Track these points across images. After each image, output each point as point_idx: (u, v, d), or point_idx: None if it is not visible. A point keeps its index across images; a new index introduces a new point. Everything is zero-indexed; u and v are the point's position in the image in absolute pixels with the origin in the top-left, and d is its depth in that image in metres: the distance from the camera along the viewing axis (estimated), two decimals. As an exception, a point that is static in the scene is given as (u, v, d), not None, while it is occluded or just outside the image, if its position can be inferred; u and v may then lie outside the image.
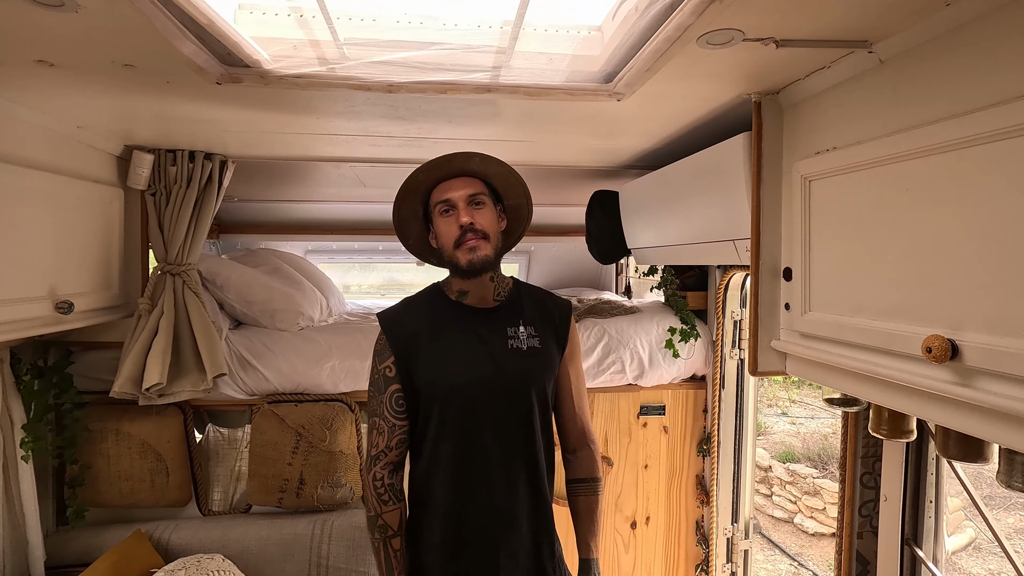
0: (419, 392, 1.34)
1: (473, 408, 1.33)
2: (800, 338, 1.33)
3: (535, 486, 1.37)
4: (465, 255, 1.32)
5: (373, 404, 1.36)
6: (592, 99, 1.26)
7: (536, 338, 1.40)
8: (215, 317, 2.05)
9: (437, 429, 1.33)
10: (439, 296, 1.44)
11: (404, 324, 1.39)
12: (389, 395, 1.34)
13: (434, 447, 1.34)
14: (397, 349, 1.34)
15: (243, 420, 2.16)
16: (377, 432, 1.34)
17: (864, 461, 1.48)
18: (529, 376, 1.37)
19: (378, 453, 1.34)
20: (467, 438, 1.33)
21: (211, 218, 2.02)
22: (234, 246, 3.35)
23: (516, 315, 1.41)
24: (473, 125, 1.68)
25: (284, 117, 1.60)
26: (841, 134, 1.18)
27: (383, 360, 1.36)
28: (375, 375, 1.36)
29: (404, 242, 1.49)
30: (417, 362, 1.34)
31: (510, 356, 1.36)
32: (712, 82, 1.31)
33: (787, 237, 1.37)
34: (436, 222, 1.38)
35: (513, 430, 1.34)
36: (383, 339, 1.37)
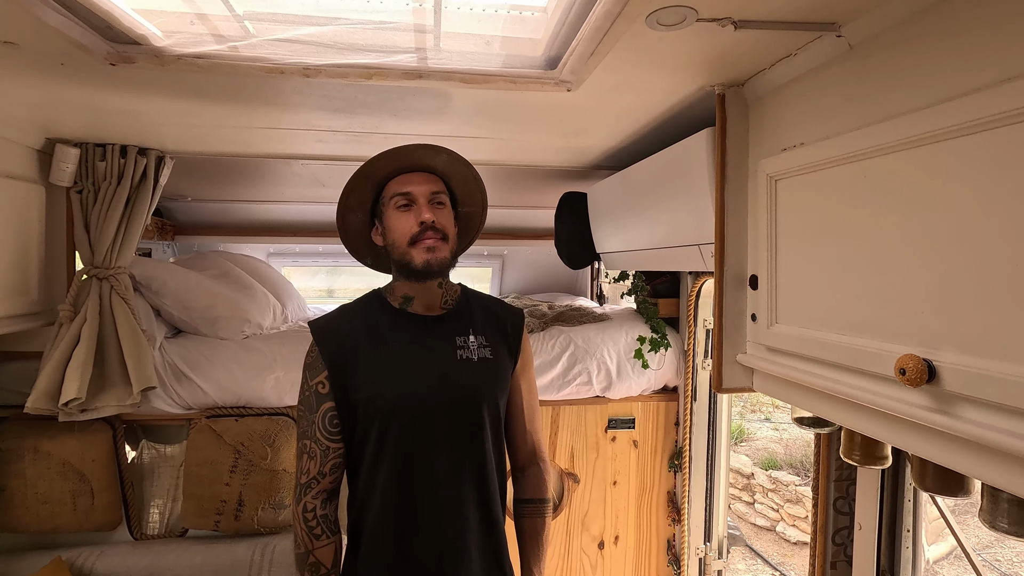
0: (356, 410, 1.20)
1: (418, 426, 1.19)
2: (767, 352, 1.22)
3: (486, 511, 1.24)
4: (422, 254, 1.19)
5: (303, 425, 1.21)
6: (538, 87, 1.14)
7: (487, 348, 1.28)
8: (148, 325, 1.90)
9: (376, 451, 1.19)
10: (380, 303, 1.29)
11: (339, 334, 1.23)
12: (322, 414, 1.19)
13: (373, 471, 1.20)
14: (331, 362, 1.20)
15: (181, 435, 2.01)
16: (308, 456, 1.20)
17: (838, 485, 1.37)
18: (480, 389, 1.24)
19: (309, 480, 1.19)
20: (411, 460, 1.19)
21: (145, 218, 1.87)
22: (191, 248, 3.19)
23: (466, 323, 1.29)
24: (421, 120, 1.56)
25: (215, 109, 1.46)
26: (809, 129, 1.07)
27: (315, 375, 1.21)
28: (305, 392, 1.22)
29: (342, 235, 1.33)
30: (354, 376, 1.19)
31: (460, 368, 1.23)
32: (671, 72, 1.20)
33: (753, 242, 1.26)
34: (389, 215, 1.23)
35: (462, 450, 1.22)
36: (315, 351, 1.22)
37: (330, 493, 1.22)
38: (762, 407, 9.78)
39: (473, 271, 3.86)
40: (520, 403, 1.37)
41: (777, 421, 9.26)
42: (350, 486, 1.25)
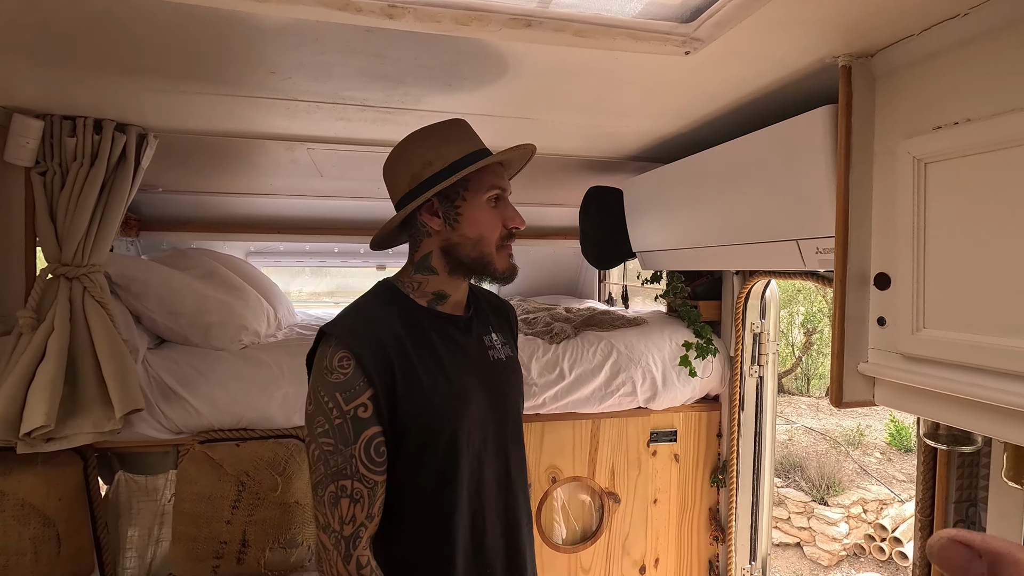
0: (402, 432, 1.00)
1: (475, 439, 1.07)
2: (902, 361, 1.06)
3: (528, 514, 1.19)
4: (505, 260, 1.10)
5: (335, 462, 0.95)
6: (659, 46, 0.95)
7: (507, 346, 1.21)
8: (128, 334, 1.59)
9: (438, 476, 1.03)
10: (402, 301, 1.10)
11: (379, 341, 1.00)
12: (365, 443, 0.96)
13: (434, 500, 1.03)
14: (379, 377, 0.97)
15: (166, 463, 1.70)
16: (351, 501, 0.95)
17: (958, 507, 1.23)
18: (516, 392, 1.19)
19: (356, 529, 0.95)
20: (472, 479, 1.06)
21: (124, 206, 1.57)
22: (158, 246, 2.83)
23: (484, 322, 1.19)
24: (466, 94, 1.33)
25: (218, 67, 1.19)
26: (976, 103, 0.92)
27: (352, 397, 0.96)
28: (334, 420, 0.96)
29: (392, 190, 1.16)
30: (406, 391, 0.99)
31: (496, 371, 1.14)
32: (799, 37, 1.03)
33: (881, 235, 1.11)
34: (477, 207, 1.07)
35: (510, 456, 1.14)
36: (348, 365, 0.97)
37: (373, 537, 1.01)
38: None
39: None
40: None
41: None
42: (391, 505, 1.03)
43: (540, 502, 1.93)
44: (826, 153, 1.16)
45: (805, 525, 6.27)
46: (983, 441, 1.13)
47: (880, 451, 7.76)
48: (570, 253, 3.55)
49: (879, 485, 6.75)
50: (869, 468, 7.23)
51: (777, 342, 2.04)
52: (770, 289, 2.00)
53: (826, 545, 6.04)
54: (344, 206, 2.79)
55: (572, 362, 1.89)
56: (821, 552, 6.05)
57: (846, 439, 7.90)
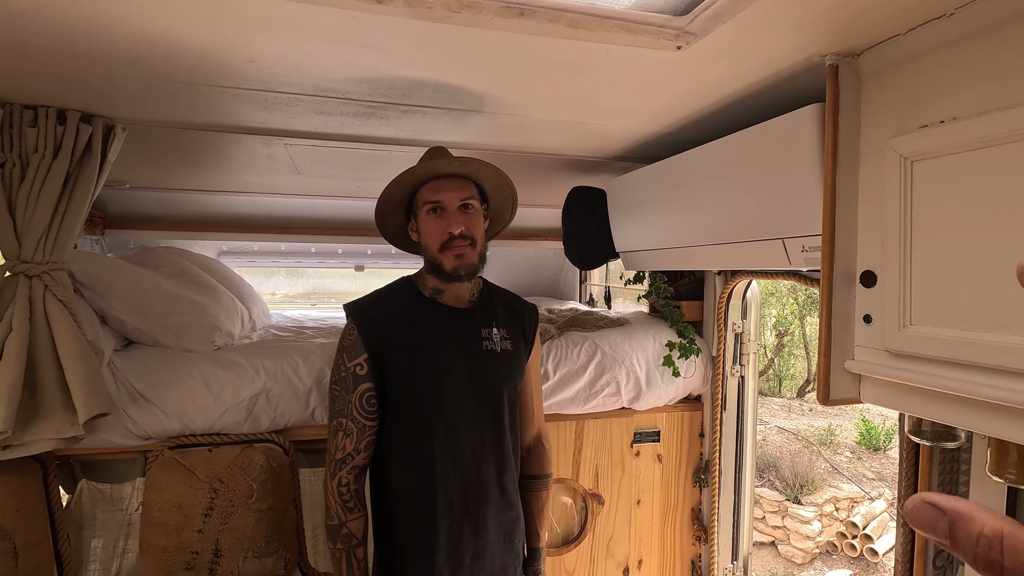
0: (389, 392, 1.30)
1: (450, 409, 1.30)
2: (889, 358, 1.07)
3: (503, 487, 1.37)
4: (451, 260, 1.30)
5: (339, 404, 1.29)
6: (652, 40, 0.94)
7: (508, 340, 1.40)
8: (93, 335, 1.51)
9: (411, 431, 1.30)
10: (412, 291, 1.39)
11: (377, 319, 1.32)
12: (359, 394, 1.28)
13: (406, 450, 1.30)
14: (371, 345, 1.28)
15: (133, 471, 1.62)
16: (344, 434, 1.28)
17: (940, 502, 1.25)
18: (502, 379, 1.37)
19: (345, 456, 1.28)
20: (442, 439, 1.29)
21: (89, 201, 1.49)
22: (125, 245, 2.72)
23: (490, 317, 1.40)
24: (465, 86, 1.30)
25: (193, 54, 1.13)
26: (963, 101, 0.93)
27: (353, 357, 1.29)
28: (342, 372, 1.29)
29: (382, 231, 1.47)
30: (392, 360, 1.29)
31: (485, 358, 1.35)
32: (789, 35, 1.03)
33: (867, 233, 1.12)
34: (422, 220, 1.34)
35: (486, 430, 1.34)
36: (353, 333, 1.30)
37: (361, 469, 1.30)
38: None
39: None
40: (530, 390, 1.51)
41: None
42: (379, 461, 1.33)
43: (524, 505, 1.90)
44: (813, 151, 1.17)
45: (779, 524, 6.37)
46: (966, 437, 1.14)
47: (850, 450, 7.95)
48: (550, 254, 3.54)
49: (850, 483, 6.91)
50: (840, 467, 7.40)
51: (758, 342, 2.06)
52: (751, 289, 2.01)
53: (800, 543, 6.15)
54: (322, 205, 2.73)
55: (556, 362, 1.87)
56: (795, 550, 6.16)
57: (818, 439, 8.08)
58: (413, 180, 1.32)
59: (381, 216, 1.41)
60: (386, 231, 1.46)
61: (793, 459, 7.13)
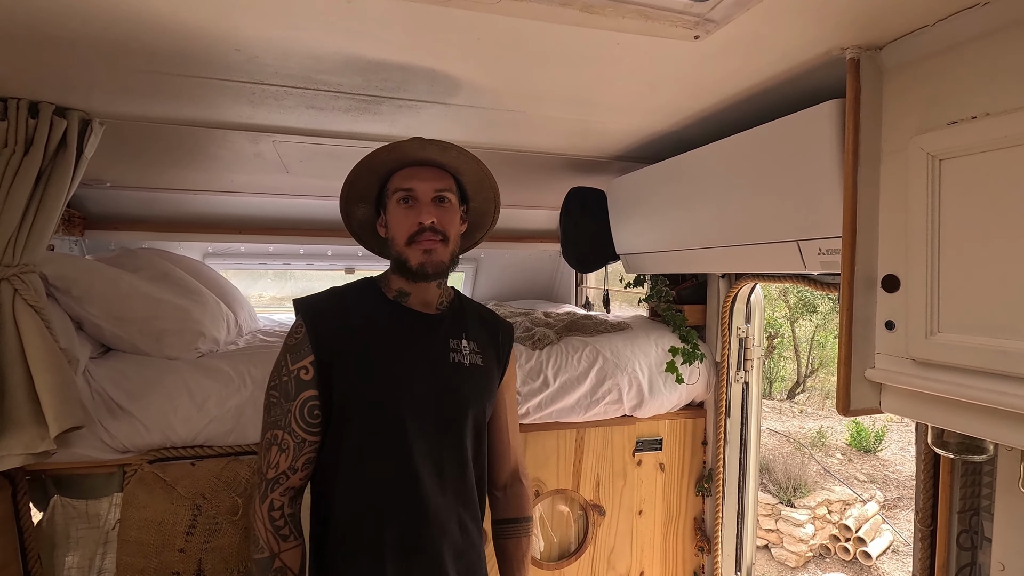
0: (340, 402, 1.11)
1: (405, 426, 1.12)
2: (913, 367, 1.02)
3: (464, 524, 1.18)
4: (418, 256, 1.15)
5: (276, 413, 1.10)
6: (670, 28, 0.88)
7: (478, 355, 1.25)
8: (68, 342, 1.42)
9: (358, 449, 1.11)
10: (374, 292, 1.23)
11: (331, 317, 1.16)
12: (301, 403, 1.10)
13: (351, 470, 1.11)
14: (320, 347, 1.11)
15: (110, 486, 1.53)
16: (279, 449, 1.09)
17: (961, 517, 1.20)
18: (469, 396, 1.20)
19: (278, 475, 1.09)
20: (395, 460, 1.12)
21: (64, 200, 1.40)
22: (106, 247, 2.61)
23: (459, 327, 1.25)
24: (464, 80, 1.24)
25: (175, 42, 1.05)
26: (997, 96, 0.88)
27: (298, 358, 1.11)
28: (283, 376, 1.11)
29: (347, 224, 1.29)
30: (343, 366, 1.11)
31: (451, 371, 1.19)
32: (810, 24, 0.97)
33: (889, 235, 1.06)
34: (391, 210, 1.19)
35: (445, 455, 1.17)
36: (300, 331, 1.13)
37: (297, 491, 1.13)
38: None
39: (443, 276, 3.51)
40: (504, 418, 1.32)
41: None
42: (321, 484, 1.15)
43: (522, 517, 1.83)
44: (832, 150, 1.11)
45: (773, 527, 6.35)
46: (993, 449, 1.09)
47: (841, 452, 7.97)
48: (545, 256, 3.48)
49: (842, 486, 6.91)
50: (832, 469, 7.41)
51: (762, 347, 2.01)
52: (755, 293, 1.96)
53: (793, 547, 6.13)
54: (312, 205, 2.64)
55: (556, 369, 1.80)
56: (788, 553, 6.14)
57: (809, 441, 8.09)
58: (384, 163, 1.18)
59: (347, 204, 1.24)
60: (352, 224, 1.28)
61: (786, 462, 7.13)
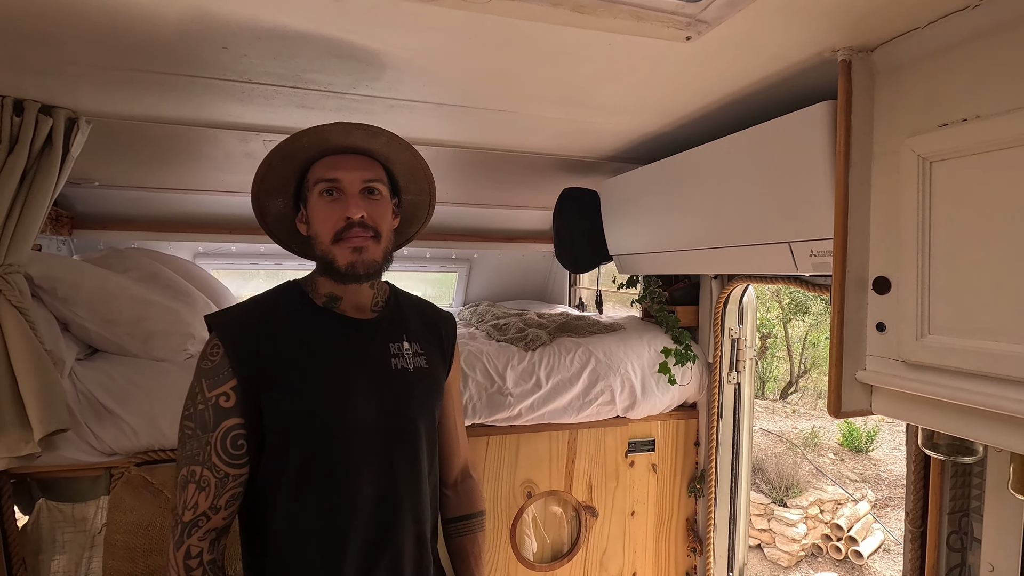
0: (269, 429, 0.99)
1: (350, 448, 1.02)
2: (904, 368, 1.02)
3: (421, 542, 1.10)
4: (346, 255, 1.02)
5: (190, 447, 0.96)
6: (662, 28, 0.87)
7: (422, 357, 1.14)
8: (53, 344, 1.40)
9: (298, 478, 0.99)
10: (300, 299, 1.09)
11: (253, 334, 1.01)
12: (222, 434, 0.96)
13: (291, 506, 0.99)
14: (243, 369, 0.97)
15: (97, 489, 1.51)
16: (197, 487, 0.95)
17: (951, 519, 1.20)
18: (418, 405, 1.11)
19: (197, 517, 0.95)
20: (339, 490, 1.01)
21: (50, 199, 1.38)
22: (94, 246, 2.59)
23: (399, 328, 1.14)
24: (456, 79, 1.23)
25: (162, 40, 1.04)
26: (988, 98, 0.88)
27: (216, 385, 0.97)
28: (198, 405, 0.97)
29: (260, 219, 1.13)
30: (272, 389, 0.98)
31: (394, 379, 1.09)
32: (802, 25, 0.97)
33: (880, 237, 1.07)
34: (313, 203, 1.05)
35: (397, 473, 1.06)
36: (217, 353, 0.99)
37: (220, 533, 0.99)
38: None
39: (437, 276, 3.50)
40: (452, 415, 1.25)
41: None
42: (255, 519, 1.02)
43: (515, 518, 1.83)
44: (824, 151, 1.11)
45: (766, 527, 6.38)
46: (983, 451, 1.09)
47: (833, 452, 8.01)
48: (539, 257, 3.48)
49: (834, 485, 6.95)
50: (824, 469, 7.45)
51: (754, 348, 2.01)
52: (748, 294, 1.96)
53: (786, 546, 6.15)
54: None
55: (549, 370, 1.80)
56: (781, 553, 6.17)
57: (802, 441, 8.13)
58: (303, 151, 1.04)
59: (260, 198, 1.09)
60: (266, 221, 1.13)
61: (778, 461, 7.16)
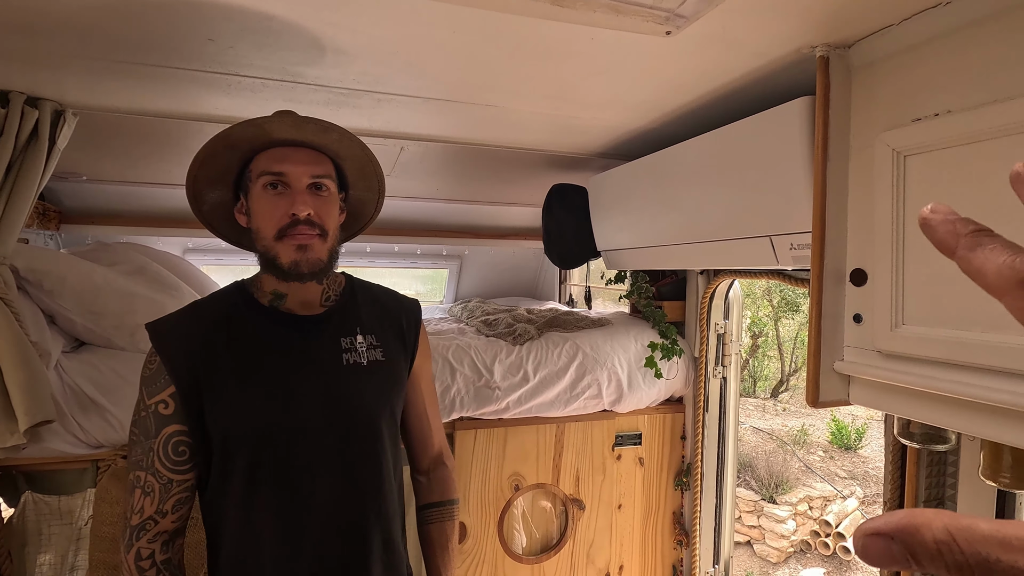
0: (217, 435, 0.98)
1: (301, 451, 0.99)
2: (879, 359, 1.04)
3: (387, 539, 1.07)
4: (290, 252, 0.98)
5: (136, 453, 0.97)
6: (641, 23, 0.89)
7: (378, 349, 1.10)
8: (39, 336, 1.40)
9: (247, 484, 0.97)
10: (244, 299, 1.06)
11: (190, 339, 0.99)
12: (164, 440, 0.96)
13: (243, 509, 0.98)
14: (180, 375, 0.96)
15: (83, 482, 1.51)
16: (142, 492, 0.96)
17: (927, 506, 1.22)
18: (374, 400, 1.07)
19: (144, 521, 0.96)
20: (294, 491, 0.99)
21: (35, 191, 1.38)
22: (82, 241, 2.57)
23: (351, 321, 1.10)
24: (443, 73, 1.24)
25: (147, 31, 1.04)
26: (958, 94, 0.90)
27: (155, 392, 0.97)
28: (141, 412, 0.98)
29: (194, 206, 1.07)
30: (213, 393, 0.97)
31: (347, 376, 1.05)
32: (780, 22, 0.99)
33: (857, 230, 1.09)
34: (256, 197, 1.00)
35: (356, 473, 1.03)
36: (155, 361, 0.98)
37: (172, 535, 0.99)
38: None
39: (427, 272, 3.51)
40: (421, 404, 1.21)
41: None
42: (211, 526, 1.02)
43: (502, 512, 1.84)
44: (802, 146, 1.13)
45: (755, 523, 6.43)
46: (955, 439, 1.12)
47: (823, 449, 8.08)
48: (529, 254, 3.49)
49: (823, 482, 7.01)
50: (813, 466, 7.51)
51: (740, 343, 2.03)
52: (734, 289, 1.99)
53: (775, 543, 6.21)
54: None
55: (536, 364, 1.81)
56: (770, 549, 6.22)
57: (791, 439, 8.19)
58: (247, 141, 1.00)
59: (196, 186, 1.04)
60: (201, 209, 1.08)
61: (768, 459, 7.22)
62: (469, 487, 1.79)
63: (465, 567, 1.80)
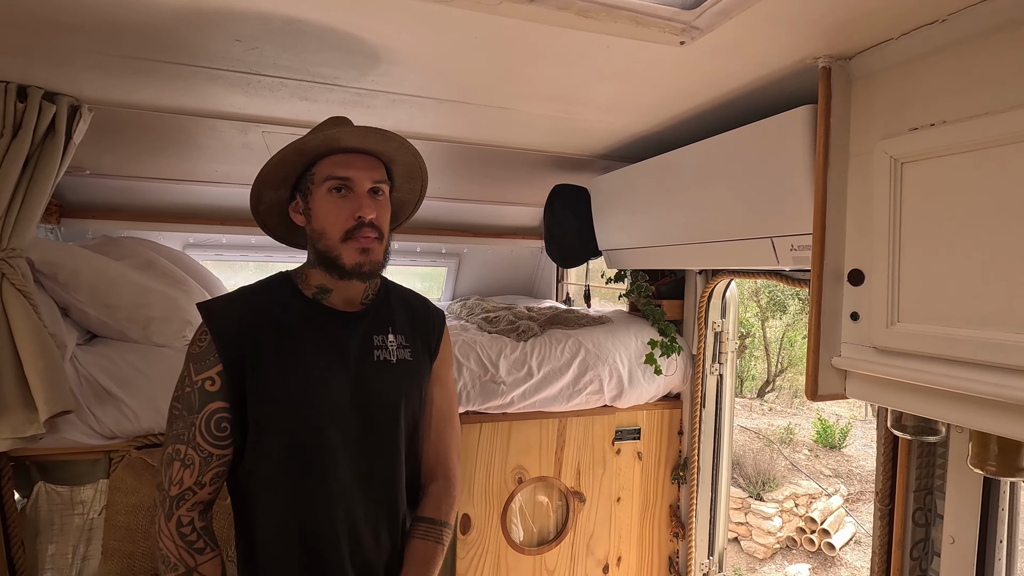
0: (251, 413, 1.04)
1: (329, 436, 1.07)
2: (875, 355, 1.10)
3: (395, 530, 1.14)
4: (354, 255, 1.06)
5: (177, 427, 1.03)
6: (658, 33, 0.94)
7: (407, 349, 1.18)
8: (55, 328, 1.42)
9: (279, 463, 1.05)
10: (289, 290, 1.13)
11: (240, 322, 1.06)
12: (207, 416, 1.02)
13: (272, 486, 1.05)
14: (228, 355, 1.03)
15: (96, 472, 1.53)
16: (182, 465, 1.02)
17: (917, 496, 1.29)
18: (398, 395, 1.14)
19: (183, 492, 1.02)
20: (319, 474, 1.06)
21: (52, 184, 1.40)
22: (82, 235, 2.57)
23: (384, 320, 1.18)
24: (461, 76, 1.27)
25: (174, 30, 1.07)
26: (953, 105, 0.96)
27: (203, 369, 1.03)
28: (186, 388, 1.04)
29: (254, 206, 1.15)
30: (255, 375, 1.04)
31: (376, 371, 1.12)
32: (787, 34, 1.04)
33: (856, 232, 1.15)
34: (319, 199, 1.07)
35: (374, 462, 1.11)
36: (205, 339, 1.04)
37: (207, 505, 1.06)
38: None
39: (426, 270, 3.54)
40: (431, 408, 1.25)
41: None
42: (240, 500, 1.09)
43: (505, 504, 1.89)
44: (805, 152, 1.19)
45: (743, 520, 6.54)
46: (945, 430, 1.18)
47: (808, 448, 8.23)
48: (527, 253, 3.54)
49: (809, 480, 7.15)
50: (799, 464, 7.65)
51: (735, 341, 2.10)
52: (730, 289, 2.05)
53: (761, 539, 6.32)
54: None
55: (540, 360, 1.86)
56: (757, 546, 6.33)
57: (778, 437, 8.33)
58: (314, 148, 1.07)
59: (263, 187, 1.12)
60: (259, 209, 1.16)
61: (755, 457, 7.33)
62: (474, 479, 1.83)
63: (469, 558, 1.85)
